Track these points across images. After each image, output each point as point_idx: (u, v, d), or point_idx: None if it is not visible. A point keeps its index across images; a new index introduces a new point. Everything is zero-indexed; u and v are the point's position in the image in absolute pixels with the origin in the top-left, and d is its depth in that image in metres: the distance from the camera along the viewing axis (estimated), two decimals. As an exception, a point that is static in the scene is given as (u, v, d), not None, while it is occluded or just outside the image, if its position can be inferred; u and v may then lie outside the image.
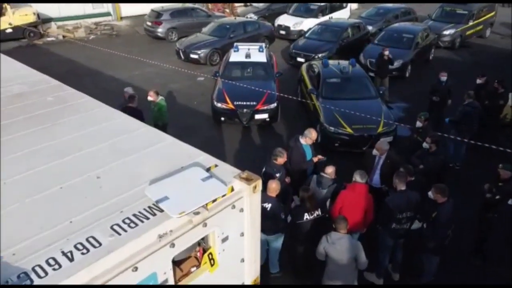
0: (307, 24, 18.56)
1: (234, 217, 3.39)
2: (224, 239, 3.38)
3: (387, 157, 6.66)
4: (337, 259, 4.98)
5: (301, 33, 18.03)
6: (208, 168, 3.56)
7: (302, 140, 6.95)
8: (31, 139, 4.00)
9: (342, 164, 8.50)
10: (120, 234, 2.79)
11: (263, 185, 6.37)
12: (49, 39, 18.96)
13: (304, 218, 5.64)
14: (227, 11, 22.60)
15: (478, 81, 9.77)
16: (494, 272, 6.44)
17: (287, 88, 12.58)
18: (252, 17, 20.33)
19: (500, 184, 6.10)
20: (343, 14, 20.88)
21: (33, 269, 2.49)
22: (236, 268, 3.68)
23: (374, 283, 6.17)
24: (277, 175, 6.28)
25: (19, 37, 18.24)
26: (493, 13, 19.99)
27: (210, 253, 3.33)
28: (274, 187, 5.58)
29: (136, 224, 2.89)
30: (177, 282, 3.18)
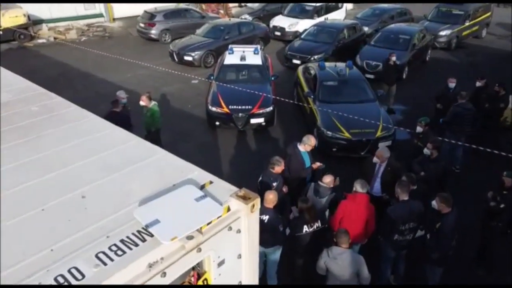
0: (303, 25, 18.36)
1: (231, 239, 3.14)
2: (220, 263, 3.14)
3: (388, 165, 6.45)
4: (339, 275, 4.76)
5: (297, 34, 17.84)
6: (203, 186, 3.32)
7: (301, 147, 6.72)
8: (12, 154, 3.72)
9: (340, 170, 8.28)
10: (106, 264, 2.54)
11: (260, 195, 6.23)
12: (40, 41, 18.63)
13: (304, 231, 5.41)
14: (221, 12, 22.35)
15: (478, 84, 9.58)
16: (499, 282, 6.26)
17: (283, 91, 12.39)
18: (247, 18, 20.10)
19: (505, 193, 5.92)
20: (339, 15, 20.71)
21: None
22: (233, 292, 3.44)
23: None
24: (274, 184, 6.06)
25: (9, 39, 17.89)
26: (489, 14, 19.93)
27: (205, 279, 3.09)
28: (272, 198, 5.36)
29: (124, 252, 2.63)
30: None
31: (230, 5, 23.44)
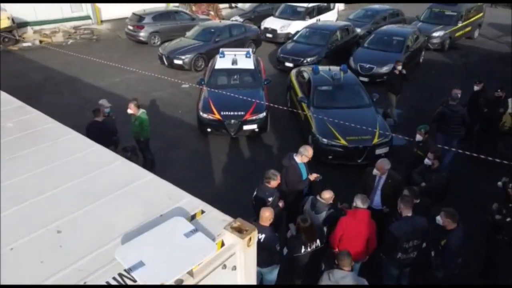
0: (295, 27, 18.04)
1: (226, 278, 2.82)
2: (214, 305, 2.82)
3: (388, 177, 6.15)
4: (341, 300, 4.45)
5: (289, 36, 17.53)
6: (193, 216, 2.99)
7: (298, 158, 6.38)
8: (-19, 180, 3.37)
9: (336, 178, 8.03)
10: (81, 319, 2.21)
11: (255, 211, 5.91)
12: (25, 45, 18.07)
13: (302, 251, 5.09)
14: (212, 14, 21.93)
15: (476, 88, 9.33)
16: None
17: (276, 95, 12.08)
18: (238, 20, 19.74)
19: (511, 205, 5.65)
20: (331, 16, 20.44)
21: None
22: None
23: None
24: (270, 200, 5.73)
25: (-7, 43, 17.34)
26: (481, 14, 19.81)
27: (197, 323, 2.76)
28: (268, 216, 5.03)
29: (102, 303, 2.31)
30: None
31: (221, 6, 23.04)
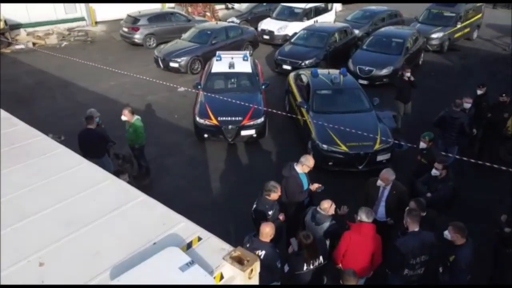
0: (292, 29, 17.80)
1: (225, 313, 2.58)
2: None
3: (393, 188, 5.92)
4: (346, 322, 4.22)
5: (286, 38, 17.30)
6: (189, 244, 2.74)
7: (298, 168, 6.13)
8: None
9: (337, 185, 7.79)
10: None
11: (255, 225, 5.67)
12: (18, 47, 17.71)
13: (304, 269, 4.85)
14: (208, 15, 21.67)
15: (479, 92, 9.11)
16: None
17: (274, 98, 11.84)
18: (234, 21, 19.48)
19: (521, 217, 5.45)
20: (328, 18, 20.19)
21: None
22: None
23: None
24: (270, 213, 5.49)
25: (-16, 46, 17.00)
26: (480, 15, 19.63)
27: None
28: (268, 232, 4.79)
29: None
30: None
31: (217, 8, 22.78)
